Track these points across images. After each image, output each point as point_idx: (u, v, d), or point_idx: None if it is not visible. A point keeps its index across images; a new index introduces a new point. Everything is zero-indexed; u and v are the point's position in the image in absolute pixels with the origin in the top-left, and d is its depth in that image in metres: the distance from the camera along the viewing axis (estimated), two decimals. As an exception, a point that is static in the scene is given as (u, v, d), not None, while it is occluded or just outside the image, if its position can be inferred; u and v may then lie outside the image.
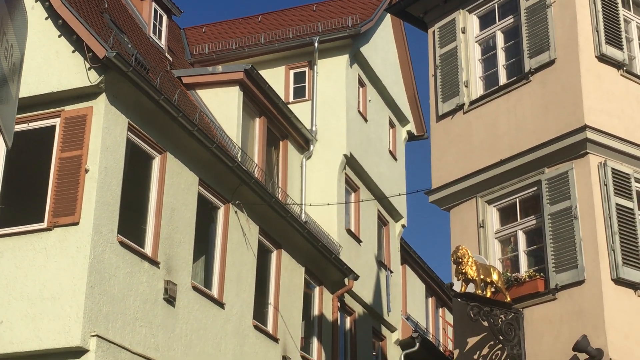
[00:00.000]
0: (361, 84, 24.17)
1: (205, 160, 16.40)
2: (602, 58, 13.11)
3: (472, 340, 13.34)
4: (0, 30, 3.64)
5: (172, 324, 14.89)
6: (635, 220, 12.49)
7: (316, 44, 22.64)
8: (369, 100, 24.52)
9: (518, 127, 13.50)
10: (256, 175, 18.11)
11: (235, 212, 17.33)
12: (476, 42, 14.76)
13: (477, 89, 14.45)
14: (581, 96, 12.76)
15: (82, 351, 12.84)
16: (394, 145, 26.09)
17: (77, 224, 13.38)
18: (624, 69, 13.28)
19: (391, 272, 24.87)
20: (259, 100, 20.02)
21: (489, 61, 14.57)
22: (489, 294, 12.74)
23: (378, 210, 24.71)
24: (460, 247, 12.64)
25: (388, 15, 25.73)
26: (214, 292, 16.44)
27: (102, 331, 13.11)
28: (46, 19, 14.46)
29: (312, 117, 22.47)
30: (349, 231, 22.43)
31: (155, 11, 20.06)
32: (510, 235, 13.50)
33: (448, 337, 30.07)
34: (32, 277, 13.31)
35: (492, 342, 13.00)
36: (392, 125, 26.17)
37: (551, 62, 13.29)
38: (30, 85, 14.12)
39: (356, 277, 21.33)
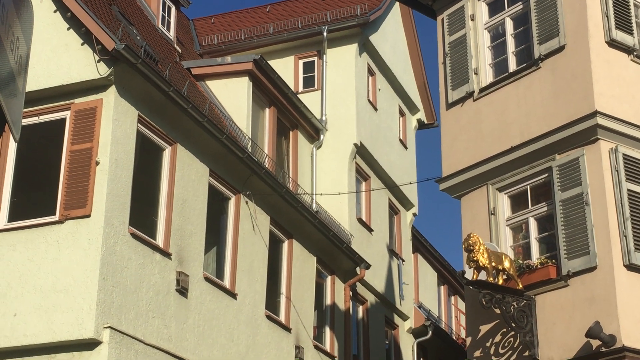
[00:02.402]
0: (370, 72, 24.13)
1: (216, 151, 16.41)
2: (612, 43, 13.05)
3: (484, 328, 13.34)
4: (6, 23, 3.64)
5: (185, 315, 14.92)
6: (647, 205, 12.45)
7: (325, 34, 22.61)
8: (379, 89, 24.48)
9: (528, 114, 13.47)
10: (267, 166, 18.11)
11: (246, 202, 17.34)
12: (485, 29, 14.71)
13: (486, 76, 14.41)
14: (591, 82, 12.71)
15: (96, 343, 12.89)
16: (404, 134, 26.06)
17: (88, 216, 13.41)
18: (635, 54, 13.21)
19: (403, 260, 24.87)
20: (269, 91, 20.01)
21: (498, 48, 14.52)
22: (500, 282, 12.73)
23: (389, 199, 24.70)
24: (471, 235, 12.63)
25: (397, 4, 25.67)
26: (226, 282, 16.47)
27: (115, 323, 13.15)
28: (55, 11, 14.47)
29: (321, 107, 22.45)
30: (360, 220, 22.43)
31: (164, 2, 20.05)
32: (521, 223, 13.48)
33: (460, 325, 30.08)
34: (44, 270, 13.36)
35: (504, 330, 13.00)
36: (402, 113, 26.13)
37: (561, 48, 13.24)
38: (40, 78, 14.14)
39: (368, 266, 21.34)
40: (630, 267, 12.04)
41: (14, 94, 3.82)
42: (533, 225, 13.29)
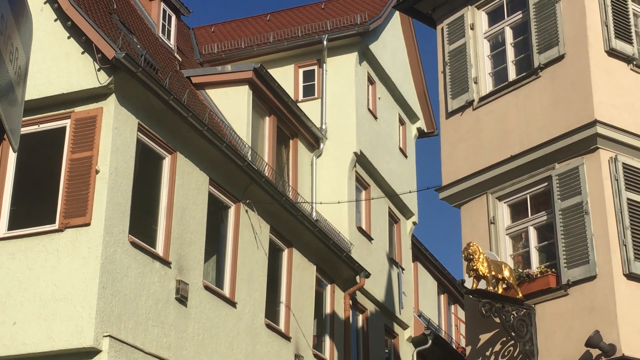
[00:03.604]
0: (370, 81, 24.16)
1: (216, 160, 16.42)
2: (612, 52, 13.07)
3: (484, 337, 13.32)
4: (5, 34, 3.65)
5: (184, 323, 14.91)
6: (647, 214, 12.45)
7: (325, 42, 22.64)
8: (379, 98, 24.50)
9: (528, 123, 13.48)
10: (266, 174, 18.12)
11: (246, 211, 17.34)
12: (485, 38, 14.73)
13: (486, 85, 14.43)
14: (591, 91, 12.72)
15: (95, 351, 12.88)
16: (404, 143, 26.07)
17: (88, 224, 13.42)
18: (634, 63, 13.23)
19: (403, 269, 24.85)
20: (269, 99, 20.03)
21: (498, 57, 14.54)
22: (500, 291, 12.72)
23: (389, 207, 24.70)
24: (471, 244, 12.62)
25: (397, 13, 25.70)
26: (226, 291, 16.46)
27: (114, 331, 13.14)
28: (55, 20, 14.50)
29: (321, 115, 22.47)
30: (360, 229, 22.43)
31: (164, 11, 20.08)
32: (521, 231, 13.48)
33: (460, 334, 30.04)
34: (44, 278, 13.35)
35: (504, 339, 12.98)
36: (402, 122, 26.14)
37: (560, 57, 13.26)
38: (40, 86, 14.16)
39: (368, 275, 21.33)
40: (630, 276, 12.03)
41: (12, 103, 3.83)
42: (533, 234, 13.28)
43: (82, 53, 14.23)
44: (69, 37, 14.40)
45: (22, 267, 13.54)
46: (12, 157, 14.45)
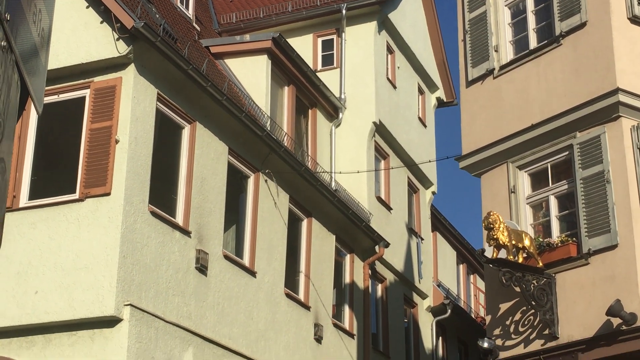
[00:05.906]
0: (390, 50, 24.02)
1: (235, 130, 16.40)
2: (634, 20, 12.93)
3: (504, 306, 13.32)
4: (28, -6, 3.61)
5: (204, 292, 14.98)
6: (669, 183, 12.36)
7: (344, 11, 22.50)
8: (398, 67, 24.38)
9: (549, 91, 13.38)
10: (285, 144, 18.10)
11: (265, 180, 17.35)
12: (506, 5, 14.60)
13: (507, 53, 14.32)
14: (613, 59, 12.61)
15: (116, 320, 12.96)
16: (424, 112, 25.96)
17: (108, 194, 13.46)
18: (657, 30, 13.09)
19: (422, 239, 24.84)
20: (288, 69, 19.97)
21: (519, 25, 14.41)
22: (520, 260, 12.70)
23: (408, 177, 24.65)
24: (491, 213, 12.59)
25: (416, -19, 25.50)
26: (246, 260, 16.50)
27: (135, 300, 13.22)
28: (74, -10, 14.47)
29: (340, 85, 22.38)
30: (379, 199, 22.40)
31: (182, -19, 19.99)
32: (541, 201, 13.43)
33: (479, 304, 30.07)
34: (65, 248, 13.43)
35: (524, 308, 12.98)
36: (421, 91, 26.02)
37: (582, 25, 13.13)
38: (60, 56, 14.16)
39: (387, 245, 21.33)
40: (652, 245, 11.98)
41: (36, 69, 3.79)
42: (553, 203, 13.23)
43: (101, 22, 14.21)
44: (87, 7, 14.37)
45: (43, 236, 13.61)
46: (32, 128, 14.48)
